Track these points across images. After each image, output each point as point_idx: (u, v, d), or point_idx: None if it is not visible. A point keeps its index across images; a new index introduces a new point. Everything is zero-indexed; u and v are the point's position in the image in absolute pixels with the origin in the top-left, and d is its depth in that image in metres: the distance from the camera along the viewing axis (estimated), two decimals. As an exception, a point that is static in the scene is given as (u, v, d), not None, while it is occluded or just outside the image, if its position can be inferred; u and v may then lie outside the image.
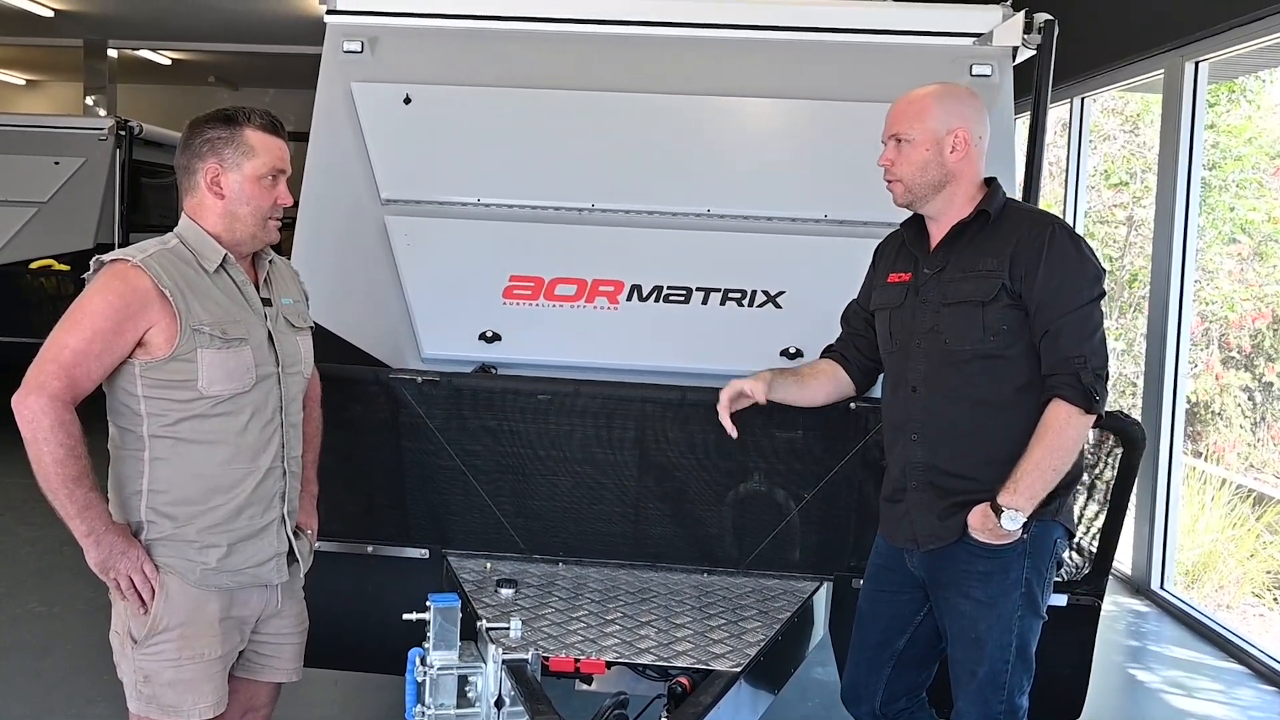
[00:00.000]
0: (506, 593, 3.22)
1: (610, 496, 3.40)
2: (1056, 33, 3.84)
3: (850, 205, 3.83)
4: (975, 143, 2.79)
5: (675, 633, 3.02)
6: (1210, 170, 7.19)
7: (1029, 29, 3.86)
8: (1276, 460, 7.12)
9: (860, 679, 3.04)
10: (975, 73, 3.85)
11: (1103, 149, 8.89)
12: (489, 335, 3.84)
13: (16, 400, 2.38)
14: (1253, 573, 6.52)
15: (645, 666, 2.86)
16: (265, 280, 2.69)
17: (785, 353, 3.77)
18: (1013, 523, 2.63)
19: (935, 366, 2.78)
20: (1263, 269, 7.50)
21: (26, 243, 9.07)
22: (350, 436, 3.30)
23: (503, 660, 2.64)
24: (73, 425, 2.40)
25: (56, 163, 9.35)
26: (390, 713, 4.05)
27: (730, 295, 3.84)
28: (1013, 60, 3.94)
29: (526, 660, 2.67)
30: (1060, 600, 3.20)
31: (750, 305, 3.83)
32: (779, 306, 3.83)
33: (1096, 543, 3.24)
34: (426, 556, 3.47)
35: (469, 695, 2.67)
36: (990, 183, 2.84)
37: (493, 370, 3.86)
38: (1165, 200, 6.13)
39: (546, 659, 2.78)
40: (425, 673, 2.65)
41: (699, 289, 3.85)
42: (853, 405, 3.20)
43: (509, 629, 2.76)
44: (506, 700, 2.61)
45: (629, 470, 3.37)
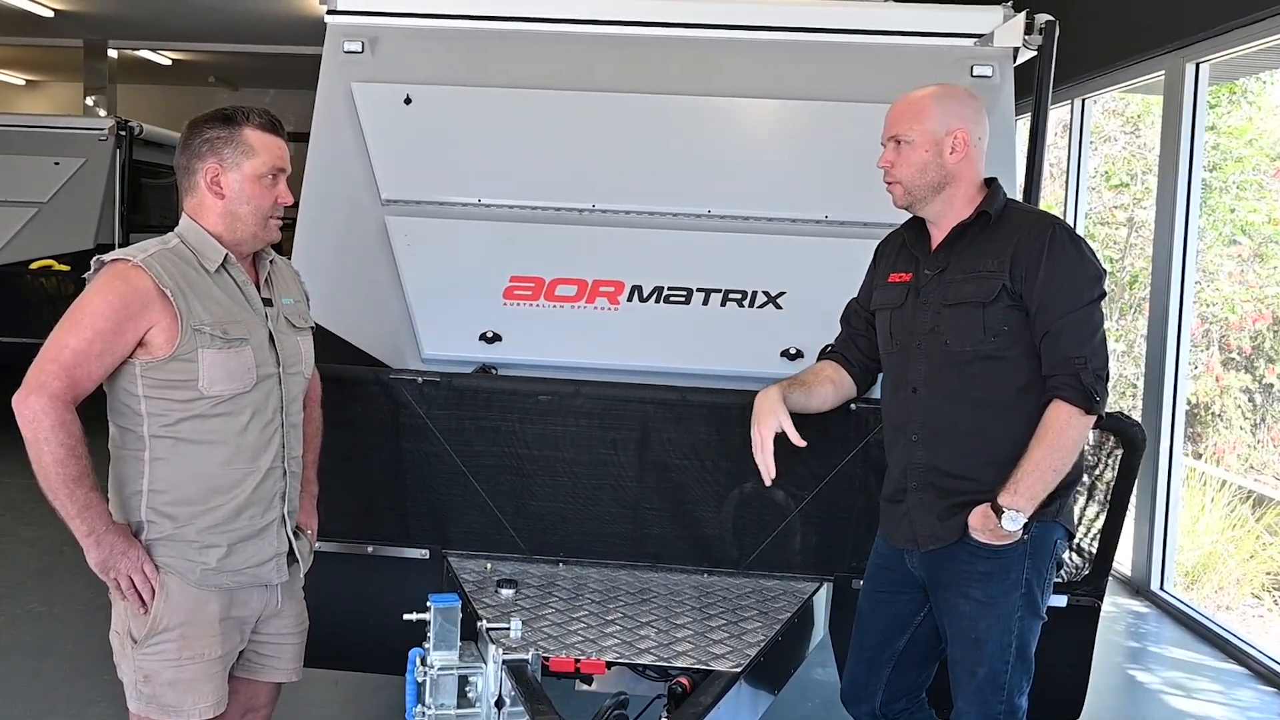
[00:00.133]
0: (507, 593, 3.21)
1: (610, 497, 3.40)
2: (1057, 34, 3.84)
3: (851, 206, 3.83)
4: (975, 144, 2.79)
5: (675, 633, 3.02)
6: (1211, 172, 7.19)
7: (1030, 30, 3.86)
8: (1276, 462, 7.12)
9: (860, 679, 3.04)
10: (976, 74, 3.85)
11: (1103, 150, 8.89)
12: (489, 336, 3.84)
13: (17, 400, 2.38)
14: (1252, 574, 6.52)
15: (645, 667, 2.86)
16: (266, 280, 2.69)
17: (785, 354, 3.77)
18: (1013, 523, 2.63)
19: (936, 367, 2.78)
20: (1263, 270, 7.50)
21: (26, 243, 9.07)
22: (350, 437, 3.30)
23: (503, 660, 2.64)
24: (73, 425, 2.40)
25: (56, 163, 9.35)
26: (390, 713, 4.05)
27: (731, 296, 3.84)
28: (1014, 61, 3.95)
29: (527, 660, 2.67)
30: (1060, 601, 3.20)
31: (751, 306, 3.83)
32: (779, 307, 3.83)
33: (1096, 544, 3.24)
34: (427, 557, 3.47)
35: (469, 695, 2.67)
36: (990, 183, 2.84)
37: (493, 371, 3.86)
38: (1166, 202, 6.13)
39: (547, 659, 2.78)
40: (425, 673, 2.65)
41: (699, 290, 3.85)
42: (853, 406, 3.20)
43: (509, 629, 2.76)
44: (507, 700, 2.61)
45: (629, 471, 3.37)
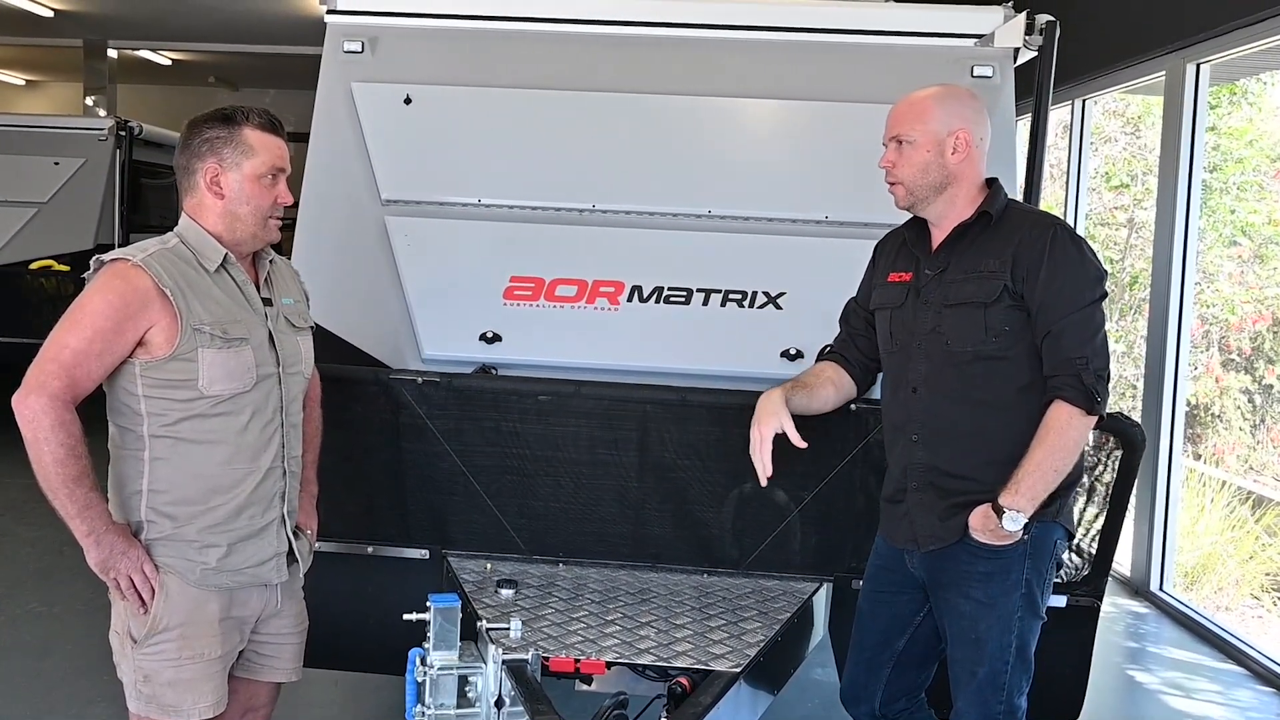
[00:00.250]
0: (507, 593, 3.21)
1: (610, 497, 3.40)
2: (1058, 34, 3.84)
3: (851, 207, 3.83)
4: (977, 144, 2.79)
5: (675, 633, 3.02)
6: (1211, 173, 7.19)
7: (1030, 30, 3.86)
8: (1276, 463, 7.12)
9: (860, 679, 3.04)
10: (977, 74, 3.85)
11: (1104, 151, 8.89)
12: (489, 336, 3.84)
13: (17, 400, 2.38)
14: (1251, 575, 6.52)
15: (645, 667, 2.86)
16: (266, 280, 2.69)
17: (785, 354, 3.77)
18: (1014, 524, 2.63)
19: (936, 367, 2.78)
20: (1263, 271, 7.50)
21: (26, 243, 9.07)
22: (350, 437, 3.30)
23: (503, 660, 2.64)
24: (73, 425, 2.40)
25: (56, 163, 9.35)
26: (390, 713, 4.05)
27: (731, 296, 3.84)
28: (1014, 62, 3.95)
29: (526, 660, 2.67)
30: (1059, 601, 3.20)
31: (751, 306, 3.83)
32: (780, 308, 3.83)
33: (1096, 544, 3.24)
34: (426, 557, 3.47)
35: (469, 695, 2.67)
36: (991, 184, 2.84)
37: (493, 371, 3.86)
38: (1166, 202, 6.13)
39: (546, 659, 2.78)
40: (425, 673, 2.65)
41: (700, 290, 3.85)
42: (853, 406, 3.20)
43: (509, 629, 2.76)
44: (506, 700, 2.61)
45: (629, 471, 3.37)
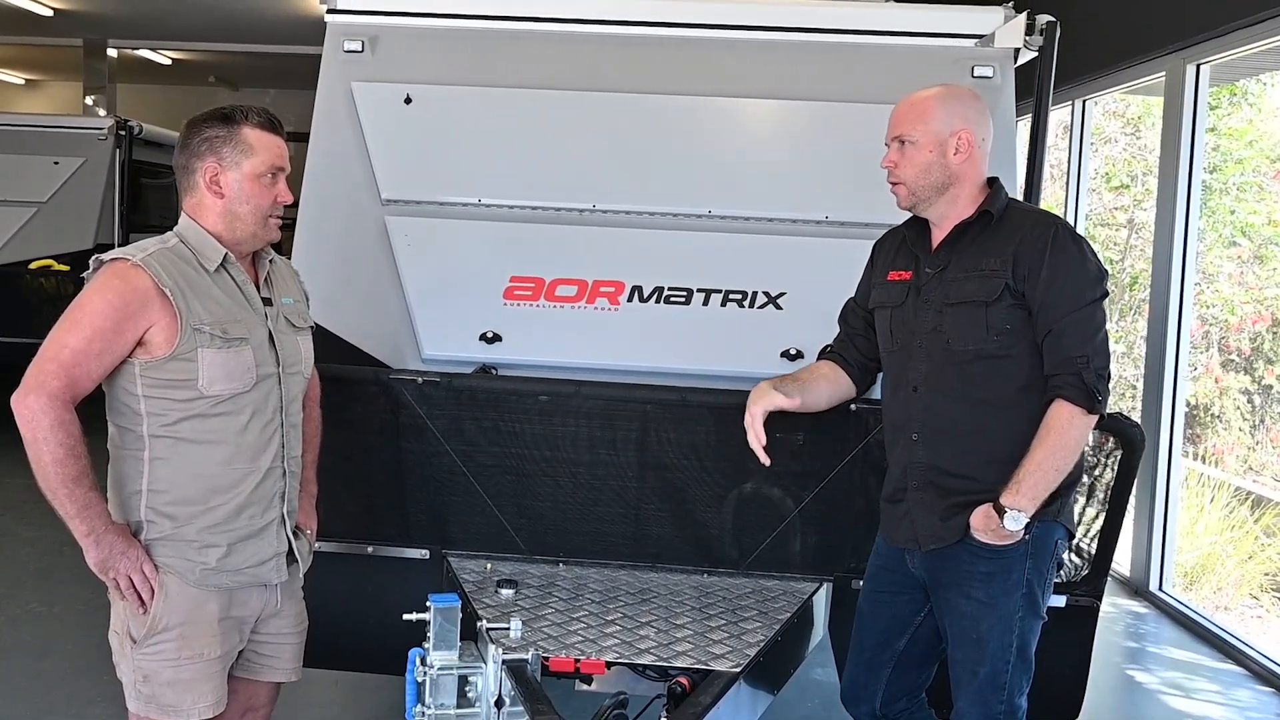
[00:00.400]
0: (507, 593, 3.21)
1: (610, 497, 3.40)
2: (1058, 35, 3.84)
3: (851, 207, 3.83)
4: (979, 144, 2.79)
5: (675, 633, 3.02)
6: (1211, 173, 7.19)
7: (1031, 31, 3.86)
8: (1275, 463, 7.12)
9: (860, 679, 3.04)
10: (977, 74, 3.85)
11: (1104, 151, 8.89)
12: (489, 336, 3.84)
13: (16, 400, 2.38)
14: (1251, 575, 6.52)
15: (645, 667, 2.86)
16: (266, 280, 2.69)
17: (786, 354, 3.77)
18: (1015, 523, 2.63)
19: (937, 366, 2.78)
20: (1263, 272, 7.50)
21: (26, 243, 9.07)
22: (350, 437, 3.29)
23: (503, 660, 2.64)
24: (72, 425, 2.39)
25: (56, 163, 9.35)
26: (390, 713, 4.05)
27: (731, 296, 3.84)
28: (1014, 62, 3.94)
29: (526, 660, 2.67)
30: (1059, 601, 3.20)
31: (751, 306, 3.83)
32: (780, 308, 3.82)
33: (1095, 544, 3.24)
34: (426, 557, 3.47)
35: (469, 695, 2.67)
36: (993, 183, 2.84)
37: (493, 371, 3.85)
38: (1166, 203, 6.13)
39: (546, 659, 2.78)
40: (425, 673, 2.65)
41: (700, 290, 3.85)
42: (852, 407, 3.20)
43: (509, 629, 2.76)
44: (506, 700, 2.61)
45: (629, 471, 3.37)
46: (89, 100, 14.86)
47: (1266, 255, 7.48)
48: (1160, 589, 6.12)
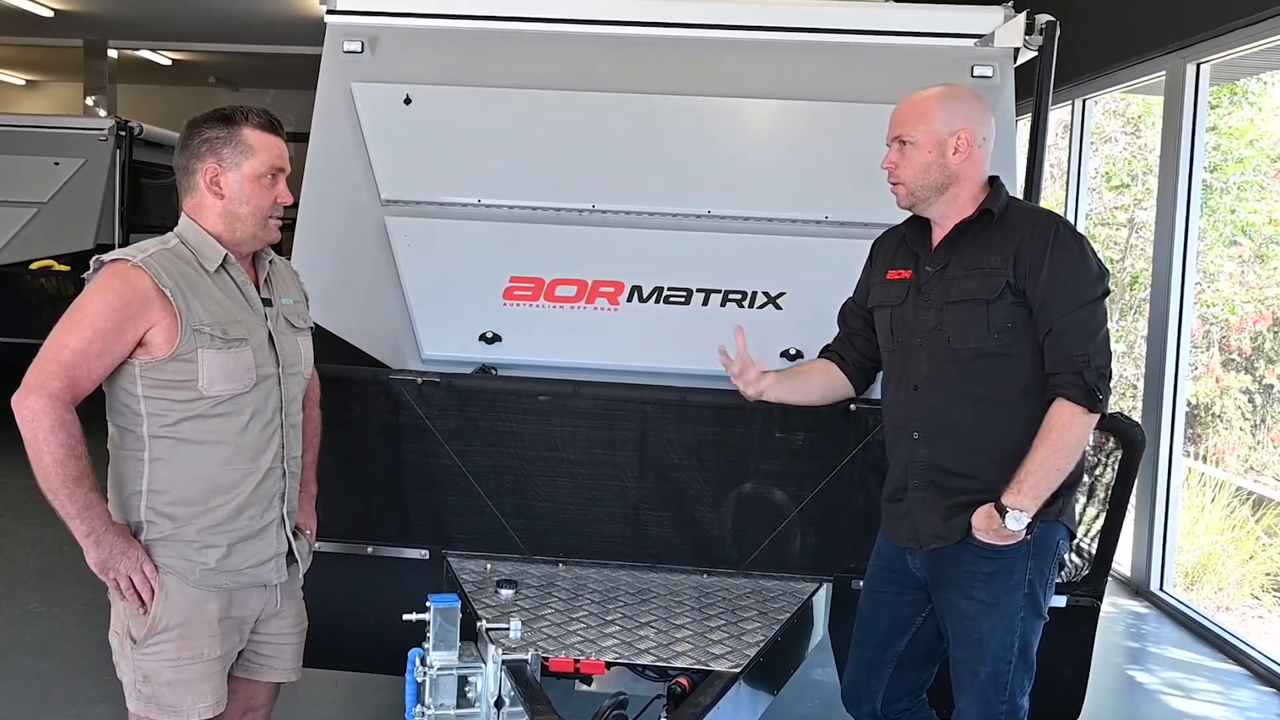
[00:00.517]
0: (506, 593, 3.21)
1: (610, 497, 3.40)
2: (1058, 34, 3.84)
3: (851, 207, 3.83)
4: (979, 144, 2.79)
5: (675, 633, 3.02)
6: (1211, 172, 7.19)
7: (1031, 30, 3.86)
8: (1276, 463, 7.12)
9: (861, 680, 3.04)
10: (977, 74, 3.85)
11: (1104, 151, 8.88)
12: (489, 336, 3.84)
13: (16, 400, 2.38)
14: (1252, 575, 6.52)
15: (645, 667, 2.86)
16: (265, 280, 2.69)
17: (785, 354, 3.77)
18: (1017, 523, 2.63)
19: (938, 365, 2.78)
20: (1263, 271, 7.49)
21: (26, 243, 9.07)
22: (350, 437, 3.29)
23: (502, 660, 2.64)
24: (73, 425, 2.39)
25: (56, 163, 9.35)
26: (390, 713, 4.04)
27: (730, 296, 3.84)
28: (1014, 62, 3.94)
29: (526, 661, 2.67)
30: (1060, 601, 3.20)
31: (751, 306, 3.83)
32: (779, 308, 3.82)
33: (1096, 544, 3.24)
34: (426, 557, 3.47)
35: (469, 695, 2.67)
36: (993, 182, 2.84)
37: (493, 371, 3.85)
38: (1166, 202, 6.13)
39: (546, 659, 2.78)
40: (425, 673, 2.64)
41: (699, 290, 3.85)
42: (852, 406, 3.20)
43: (509, 629, 2.76)
44: (506, 700, 2.61)
45: (629, 471, 3.37)
46: (89, 101, 14.87)
47: (1267, 254, 7.48)
48: (1161, 589, 6.12)
